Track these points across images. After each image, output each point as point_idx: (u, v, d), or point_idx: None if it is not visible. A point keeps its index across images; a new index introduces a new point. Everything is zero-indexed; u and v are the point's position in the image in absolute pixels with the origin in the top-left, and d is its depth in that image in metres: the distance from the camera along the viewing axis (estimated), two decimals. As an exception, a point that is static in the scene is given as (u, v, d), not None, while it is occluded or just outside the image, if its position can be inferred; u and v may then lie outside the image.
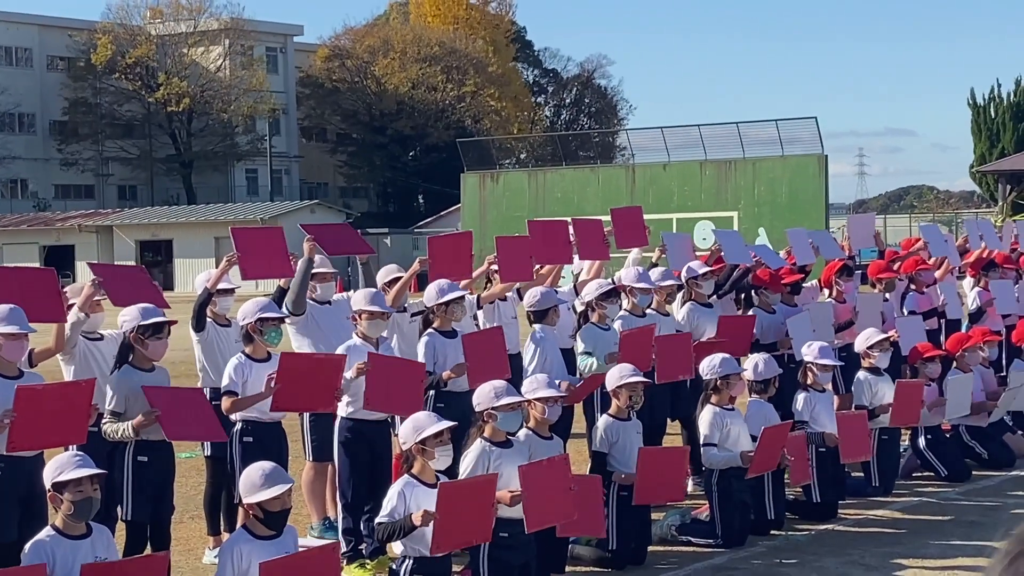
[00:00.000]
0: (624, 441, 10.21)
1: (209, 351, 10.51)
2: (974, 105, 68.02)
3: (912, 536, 10.92)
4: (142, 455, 8.81)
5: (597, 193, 51.29)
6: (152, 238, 65.97)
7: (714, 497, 10.77)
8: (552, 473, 8.76)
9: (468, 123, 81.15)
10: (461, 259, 11.31)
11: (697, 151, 51.57)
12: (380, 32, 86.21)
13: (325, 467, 10.60)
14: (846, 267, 14.66)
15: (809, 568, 9.95)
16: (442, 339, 10.51)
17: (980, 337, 14.25)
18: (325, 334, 10.68)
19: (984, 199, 74.26)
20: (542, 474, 8.68)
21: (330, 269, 11.09)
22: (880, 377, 12.83)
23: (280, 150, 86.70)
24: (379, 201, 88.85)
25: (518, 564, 8.74)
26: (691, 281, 13.11)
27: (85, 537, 7.13)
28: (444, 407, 9.93)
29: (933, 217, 68.19)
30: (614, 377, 10.31)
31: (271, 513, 7.28)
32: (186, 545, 10.63)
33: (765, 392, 11.50)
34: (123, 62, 79.95)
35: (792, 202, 47.92)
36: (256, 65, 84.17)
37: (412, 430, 8.14)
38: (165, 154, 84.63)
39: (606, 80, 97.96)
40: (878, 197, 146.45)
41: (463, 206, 56.75)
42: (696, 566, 10.11)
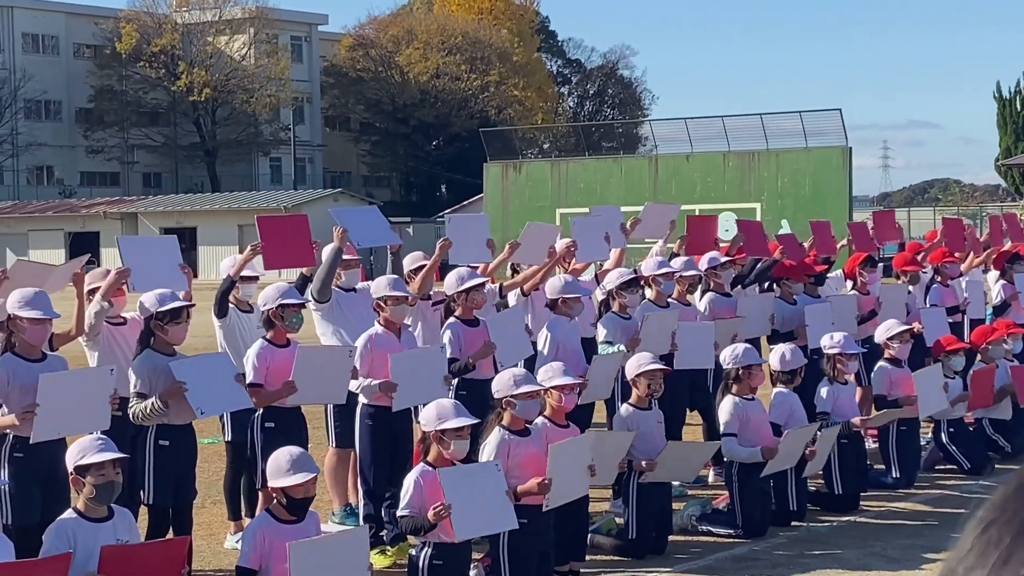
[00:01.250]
0: (645, 429, 10.20)
1: (231, 337, 10.54)
2: (1000, 98, 67.66)
3: (934, 528, 10.89)
4: (163, 439, 8.86)
5: (620, 184, 51.28)
6: (177, 225, 66.06)
7: (735, 487, 10.76)
8: (578, 451, 8.88)
9: (491, 113, 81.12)
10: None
11: (720, 142, 51.51)
12: (404, 22, 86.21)
13: (348, 453, 10.62)
14: (870, 258, 14.63)
15: (830, 559, 9.93)
16: (464, 327, 10.53)
17: (1004, 330, 14.20)
18: (350, 321, 10.69)
19: (1009, 192, 73.90)
20: (570, 452, 8.78)
21: (354, 256, 11.10)
22: (900, 369, 12.79)
23: (304, 139, 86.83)
24: (402, 190, 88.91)
25: (538, 551, 8.75)
26: (710, 272, 13.11)
27: (107, 520, 7.17)
28: (467, 394, 9.94)
29: (958, 210, 67.89)
30: (633, 366, 10.30)
31: (294, 500, 7.32)
32: (208, 530, 10.67)
33: (791, 382, 11.47)
34: (148, 50, 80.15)
35: (815, 194, 47.83)
36: (280, 54, 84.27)
37: (435, 417, 8.15)
38: (189, 142, 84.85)
39: (629, 71, 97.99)
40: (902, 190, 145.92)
41: (485, 196, 56.78)
42: (717, 556, 10.10)
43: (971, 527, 1.02)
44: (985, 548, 1.00)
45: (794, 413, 11.36)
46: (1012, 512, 1.01)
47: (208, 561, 9.88)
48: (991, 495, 1.04)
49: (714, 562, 9.96)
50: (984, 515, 1.02)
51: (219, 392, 9.05)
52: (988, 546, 1.00)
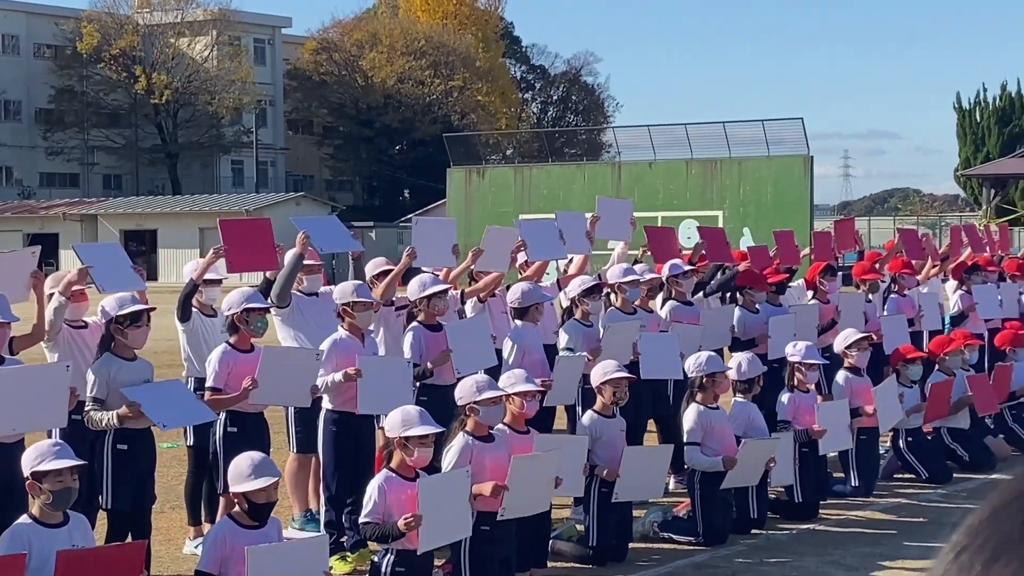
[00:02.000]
0: (608, 437, 10.22)
1: (194, 341, 10.49)
2: (960, 109, 68.19)
3: (892, 537, 10.96)
4: (122, 443, 8.81)
5: (583, 190, 51.32)
6: (137, 228, 65.80)
7: (696, 495, 10.79)
8: (543, 467, 8.87)
9: (455, 118, 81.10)
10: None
11: (683, 150, 51.64)
12: (368, 26, 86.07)
13: (309, 459, 10.60)
14: (830, 267, 14.72)
15: (790, 567, 9.97)
16: (427, 332, 10.52)
17: (962, 340, 14.30)
18: (311, 326, 10.67)
19: (968, 203, 74.45)
20: (534, 467, 8.77)
21: (317, 261, 11.08)
22: (860, 378, 12.86)
23: (266, 142, 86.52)
24: (364, 194, 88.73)
25: (499, 558, 8.76)
26: (672, 279, 13.14)
27: (62, 525, 7.12)
28: (427, 400, 9.94)
29: (917, 220, 68.35)
30: (599, 373, 10.32)
31: (256, 504, 7.29)
32: (167, 535, 10.61)
33: (749, 391, 11.52)
34: (109, 51, 79.68)
35: (777, 202, 48.00)
36: (243, 57, 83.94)
37: (400, 423, 8.14)
38: (151, 144, 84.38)
39: (593, 77, 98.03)
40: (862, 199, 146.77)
41: (448, 201, 56.73)
42: (677, 563, 10.13)
43: (945, 552, 1.04)
44: (957, 574, 1.01)
45: (752, 422, 11.40)
46: (984, 538, 1.02)
47: (167, 567, 9.82)
48: (965, 520, 1.05)
49: (674, 569, 9.98)
50: (958, 540, 1.04)
51: (179, 408, 9.02)
52: (960, 572, 1.01)
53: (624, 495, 10.09)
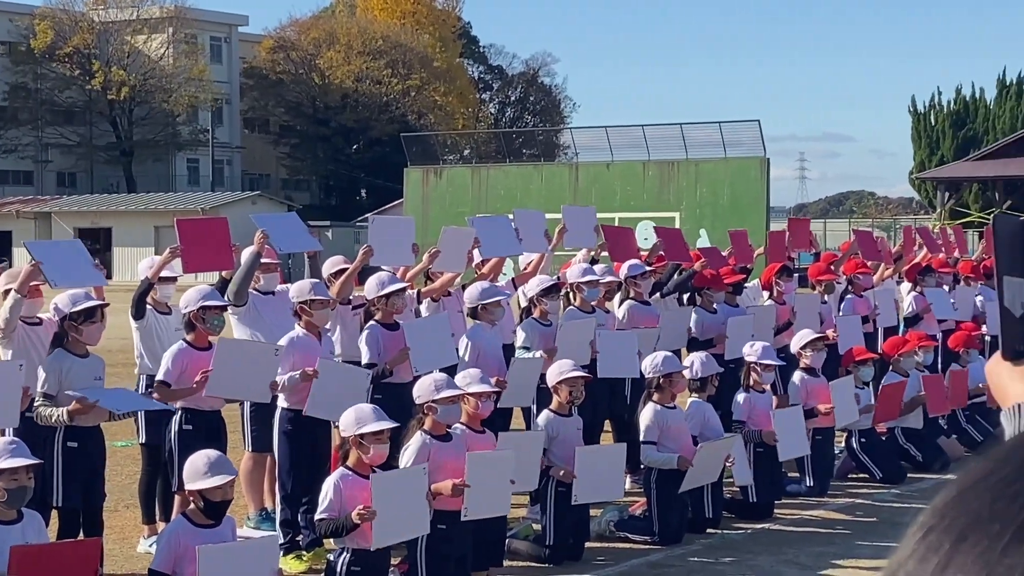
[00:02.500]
0: (564, 436, 10.23)
1: (148, 338, 10.44)
2: (915, 112, 68.69)
3: (846, 536, 11.02)
4: (72, 441, 8.76)
5: (540, 191, 51.40)
6: (91, 226, 65.33)
7: (652, 494, 10.82)
8: (499, 465, 8.86)
9: (412, 118, 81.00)
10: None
11: (640, 151, 51.79)
12: (326, 25, 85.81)
13: (264, 458, 10.56)
14: (786, 268, 14.80)
15: (744, 566, 10.02)
16: (384, 331, 10.50)
17: (916, 342, 14.40)
18: (267, 324, 10.64)
19: (923, 205, 75.02)
20: (489, 464, 8.77)
21: (274, 260, 11.04)
22: (816, 379, 12.94)
23: (222, 140, 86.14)
24: (321, 194, 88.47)
25: (455, 557, 8.76)
26: (630, 280, 13.17)
27: (15, 523, 7.10)
28: (383, 398, 9.91)
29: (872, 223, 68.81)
30: (555, 372, 10.33)
31: (211, 503, 7.27)
32: (121, 534, 10.55)
33: (703, 391, 11.56)
34: (64, 48, 79.09)
35: (733, 204, 48.21)
36: (199, 55, 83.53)
37: (354, 421, 8.13)
38: (106, 142, 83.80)
39: (550, 78, 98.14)
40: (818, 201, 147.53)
41: (406, 200, 56.65)
42: (633, 562, 10.15)
43: (912, 532, 1.04)
44: (925, 554, 1.01)
45: (708, 422, 11.44)
46: (952, 518, 1.02)
47: (120, 565, 9.76)
48: (933, 500, 1.06)
49: (630, 568, 10.01)
50: (925, 520, 1.04)
51: (131, 400, 8.98)
52: (928, 551, 1.01)
53: (583, 496, 10.09)
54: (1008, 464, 1.04)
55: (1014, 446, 1.09)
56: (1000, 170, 57.67)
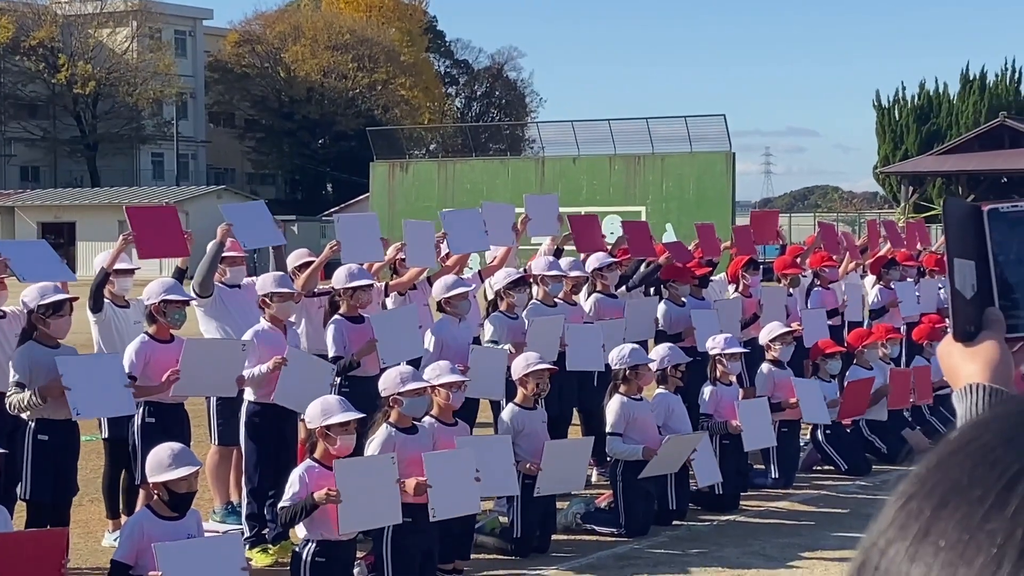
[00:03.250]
0: (530, 430, 10.24)
1: (106, 332, 10.37)
2: (879, 107, 69.00)
3: (812, 528, 11.07)
4: (43, 434, 8.72)
5: (507, 185, 51.39)
6: (55, 220, 64.94)
7: (619, 487, 10.83)
8: (457, 462, 8.82)
9: (378, 112, 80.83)
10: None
11: (606, 145, 51.87)
12: (291, 18, 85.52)
13: (230, 451, 10.53)
14: (752, 261, 14.84)
15: (711, 558, 10.04)
16: (349, 324, 10.48)
17: (882, 334, 14.47)
18: (234, 317, 10.60)
19: (887, 200, 75.40)
20: (447, 463, 8.73)
21: (240, 253, 11.00)
22: (783, 371, 12.99)
23: (187, 134, 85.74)
24: (287, 188, 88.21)
25: (422, 550, 8.75)
26: (596, 272, 13.18)
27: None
28: (349, 391, 9.90)
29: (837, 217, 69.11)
30: (521, 365, 10.33)
31: (176, 495, 7.24)
32: (85, 528, 10.49)
33: (664, 382, 11.56)
34: (26, 42, 78.53)
35: (699, 198, 48.34)
36: (164, 48, 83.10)
37: (320, 413, 8.12)
38: (69, 136, 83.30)
39: (516, 72, 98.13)
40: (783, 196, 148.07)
41: (372, 195, 56.56)
42: (599, 555, 10.17)
43: (892, 500, 1.04)
44: (905, 521, 1.01)
45: (673, 413, 11.47)
46: (932, 485, 1.02)
47: (85, 559, 9.71)
48: (912, 469, 1.06)
49: (596, 560, 10.02)
50: (904, 488, 1.04)
51: (102, 396, 8.90)
52: (908, 519, 1.01)
53: (545, 488, 10.10)
54: (988, 431, 1.05)
55: (994, 415, 1.09)
56: (963, 164, 58.02)
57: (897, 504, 1.03)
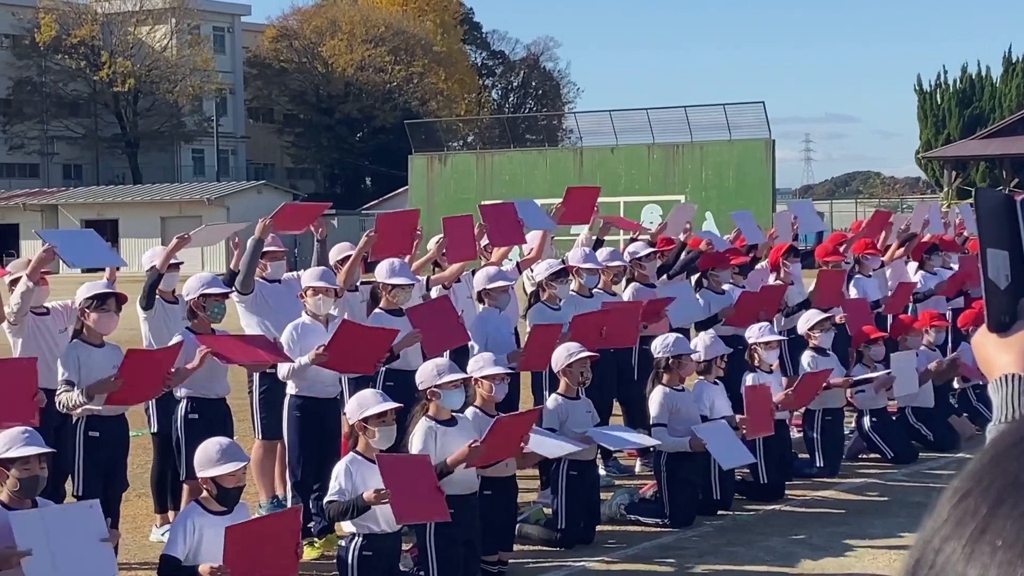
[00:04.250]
0: (573, 420, 10.23)
1: (156, 327, 10.42)
2: (920, 91, 68.55)
3: (858, 516, 11.01)
4: (94, 430, 8.78)
5: (545, 176, 51.40)
6: (98, 217, 65.34)
7: (662, 476, 10.81)
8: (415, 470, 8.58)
9: (415, 105, 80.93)
10: (404, 235, 11.17)
11: (645, 135, 51.75)
12: (328, 13, 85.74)
13: (274, 445, 10.56)
14: (793, 249, 14.76)
15: (756, 548, 10.01)
16: (389, 317, 10.49)
17: (927, 321, 14.37)
18: (273, 312, 10.62)
19: (930, 185, 74.91)
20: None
21: (280, 248, 11.04)
22: (826, 357, 12.92)
23: (227, 130, 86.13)
24: (326, 182, 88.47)
25: (464, 541, 8.75)
26: (635, 262, 13.15)
27: (29, 513, 7.08)
28: (393, 385, 9.91)
29: (879, 203, 68.68)
30: (562, 356, 10.32)
31: (225, 489, 7.28)
32: (133, 522, 10.56)
33: (708, 373, 11.52)
34: (68, 41, 79.06)
35: (739, 187, 48.17)
36: (203, 45, 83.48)
37: (357, 407, 8.16)
38: (111, 133, 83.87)
39: (553, 63, 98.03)
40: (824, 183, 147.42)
41: (411, 188, 56.66)
42: (644, 545, 10.15)
43: (946, 497, 1.02)
44: (961, 518, 0.99)
45: (715, 404, 11.42)
46: (988, 482, 1.00)
47: (134, 554, 9.77)
48: (966, 465, 1.04)
49: (641, 551, 10.00)
50: (960, 485, 1.02)
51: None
52: (965, 516, 0.99)
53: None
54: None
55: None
56: (1007, 148, 57.55)
57: (952, 501, 1.01)
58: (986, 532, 0.97)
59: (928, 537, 1.01)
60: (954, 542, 0.99)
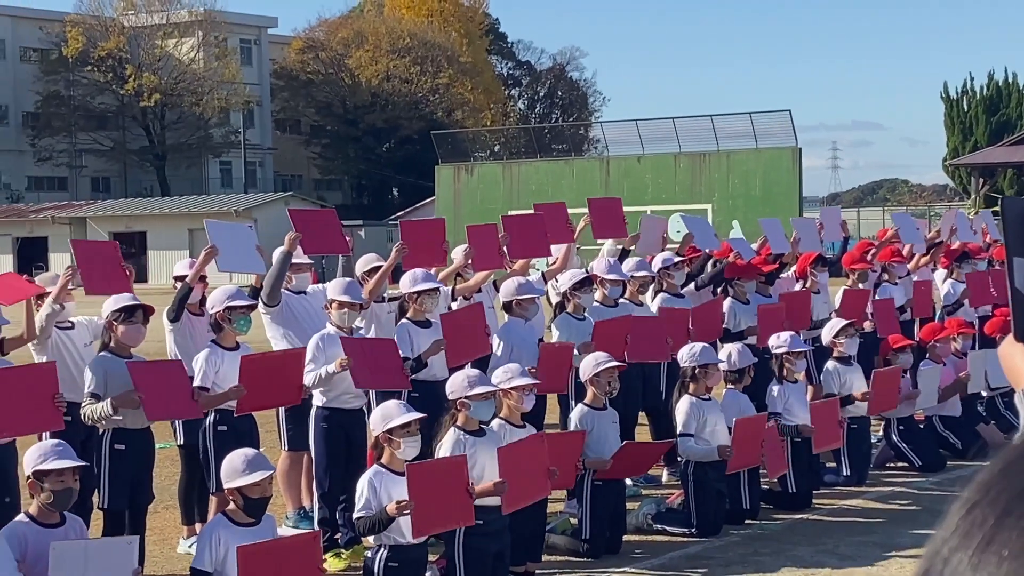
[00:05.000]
0: (599, 430, 10.22)
1: (182, 339, 10.47)
2: (947, 98, 68.26)
3: (886, 525, 10.96)
4: (119, 443, 8.83)
5: (572, 185, 51.39)
6: (126, 230, 65.64)
7: (689, 486, 10.79)
8: (531, 452, 8.84)
9: (440, 115, 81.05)
10: (434, 244, 11.27)
11: (671, 144, 51.72)
12: (354, 24, 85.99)
13: (300, 456, 10.59)
14: (821, 257, 14.73)
15: (784, 557, 9.97)
16: (416, 328, 10.51)
17: (954, 328, 14.31)
18: (299, 324, 10.66)
19: (957, 192, 74.58)
20: (521, 454, 8.74)
21: (305, 260, 11.07)
22: (849, 367, 12.88)
23: (254, 142, 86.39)
24: (353, 193, 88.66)
25: (493, 552, 8.75)
26: (663, 271, 13.14)
27: (59, 526, 7.13)
28: (418, 396, 9.93)
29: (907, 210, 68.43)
30: (590, 365, 10.31)
31: (251, 500, 7.29)
32: (160, 535, 10.60)
33: (740, 382, 11.53)
34: (95, 54, 79.47)
35: (766, 195, 48.08)
36: (230, 57, 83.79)
37: (381, 419, 8.16)
38: (139, 146, 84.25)
39: (579, 72, 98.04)
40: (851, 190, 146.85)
41: (437, 198, 56.74)
42: (671, 555, 10.13)
43: (956, 508, 1.03)
44: (969, 529, 1.00)
45: (743, 413, 11.40)
46: (996, 493, 1.01)
47: (161, 566, 9.81)
48: (976, 476, 1.05)
49: (668, 561, 9.98)
50: (969, 496, 1.03)
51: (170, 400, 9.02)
52: (972, 527, 1.00)
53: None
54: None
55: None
56: (1035, 155, 57.25)
57: (961, 512, 1.02)
58: (992, 543, 0.98)
59: (937, 547, 1.02)
60: (961, 553, 0.99)
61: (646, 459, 10.38)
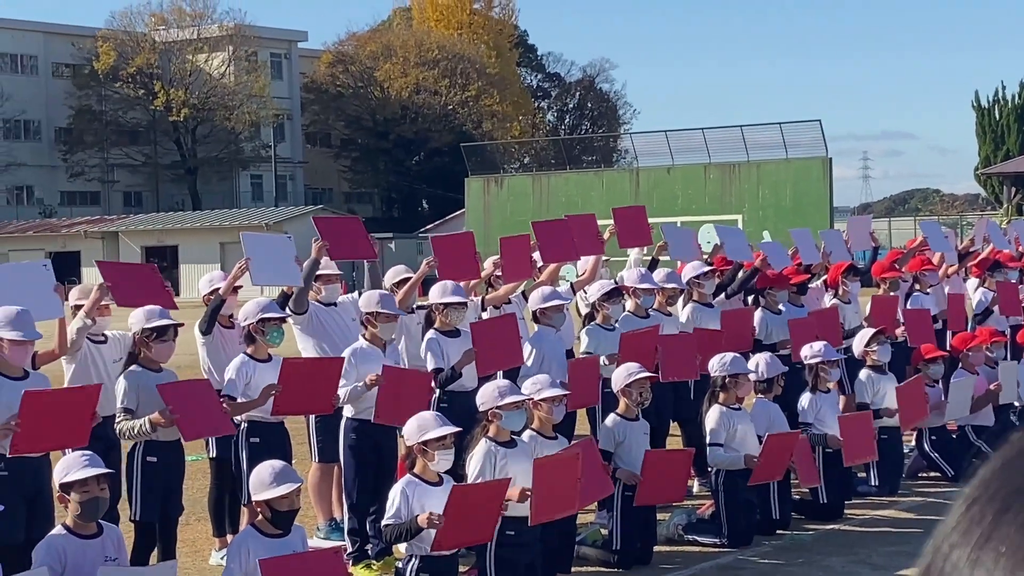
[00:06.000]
0: (630, 441, 10.22)
1: (214, 353, 10.51)
2: (978, 107, 67.96)
3: (918, 536, 10.90)
4: (151, 455, 8.87)
5: (602, 197, 51.33)
6: (158, 244, 66.02)
7: (720, 497, 10.77)
8: (565, 466, 8.84)
9: (469, 127, 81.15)
10: (467, 258, 11.33)
11: (701, 154, 51.65)
12: (383, 38, 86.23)
13: (331, 468, 10.62)
14: (852, 267, 14.69)
15: (816, 567, 9.95)
16: (445, 339, 10.52)
17: (987, 338, 14.24)
18: (330, 335, 10.70)
19: (989, 201, 74.21)
20: (556, 468, 8.74)
21: (335, 271, 11.11)
22: (883, 375, 12.83)
23: (285, 156, 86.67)
24: (383, 206, 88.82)
25: (524, 563, 8.76)
26: (693, 281, 13.13)
27: (96, 537, 7.18)
28: (448, 406, 9.95)
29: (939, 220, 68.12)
30: (621, 376, 10.31)
31: (279, 512, 7.31)
32: (192, 547, 10.65)
33: (769, 392, 11.50)
34: (127, 69, 79.96)
35: (796, 205, 47.95)
36: (260, 71, 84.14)
37: (416, 429, 8.17)
38: (170, 160, 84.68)
39: (609, 84, 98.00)
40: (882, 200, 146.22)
41: (467, 210, 56.80)
42: (702, 566, 10.11)
43: (957, 504, 1.04)
44: (968, 526, 1.01)
45: (773, 423, 11.38)
46: (995, 490, 1.02)
47: (193, 578, 9.86)
48: (977, 473, 1.06)
49: (699, 571, 9.97)
50: (969, 493, 1.04)
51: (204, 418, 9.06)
52: (971, 524, 1.01)
53: (643, 500, 10.08)
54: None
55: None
56: (1067, 163, 56.93)
57: (961, 508, 1.03)
58: (991, 539, 0.99)
59: (939, 544, 1.03)
60: (961, 549, 1.00)
61: (674, 474, 10.31)
